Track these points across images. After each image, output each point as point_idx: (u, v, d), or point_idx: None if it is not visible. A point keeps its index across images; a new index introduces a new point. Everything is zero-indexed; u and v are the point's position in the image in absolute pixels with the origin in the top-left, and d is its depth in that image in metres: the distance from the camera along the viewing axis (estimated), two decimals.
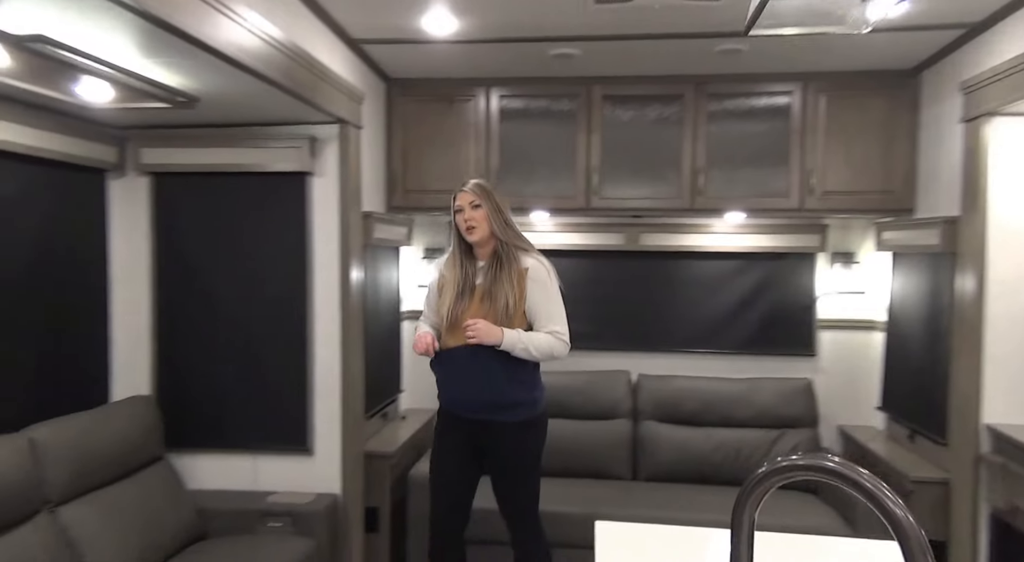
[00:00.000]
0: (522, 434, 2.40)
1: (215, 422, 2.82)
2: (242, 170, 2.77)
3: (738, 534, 0.83)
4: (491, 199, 2.40)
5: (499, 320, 2.31)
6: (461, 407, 2.41)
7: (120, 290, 2.85)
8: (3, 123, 2.25)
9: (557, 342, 2.36)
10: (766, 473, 0.81)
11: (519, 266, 2.38)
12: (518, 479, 2.43)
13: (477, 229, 2.37)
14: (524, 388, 2.39)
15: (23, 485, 2.03)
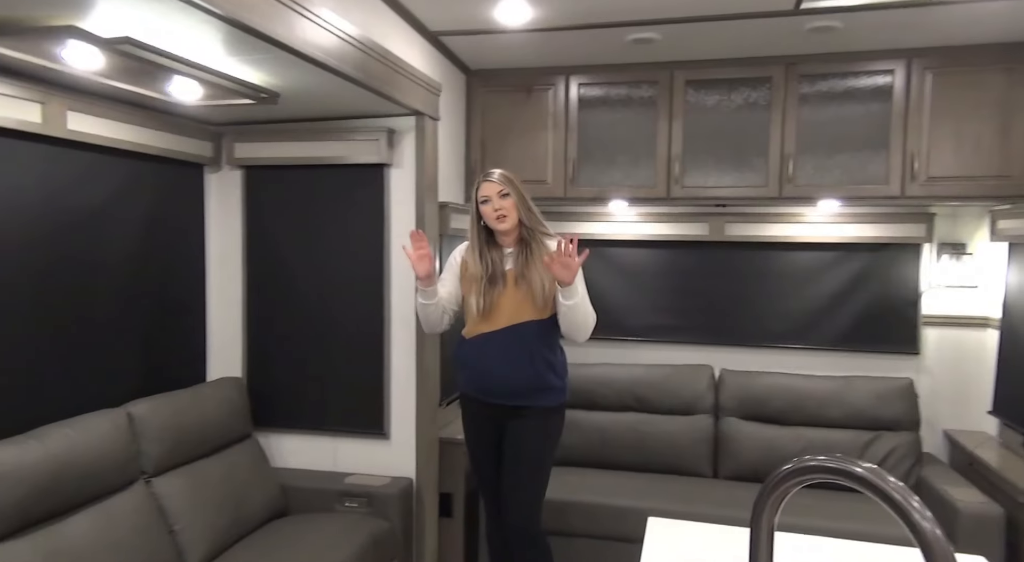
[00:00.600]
0: (548, 420, 2.43)
1: (299, 404, 2.96)
2: (323, 162, 2.87)
3: (757, 536, 0.78)
4: (517, 187, 2.41)
5: (536, 302, 2.35)
6: (493, 394, 2.41)
7: (216, 277, 3.04)
8: (111, 121, 2.44)
9: (594, 318, 2.39)
10: (788, 472, 0.76)
11: (548, 250, 2.38)
12: (535, 465, 2.43)
13: (508, 217, 2.39)
14: (556, 373, 2.43)
15: (121, 455, 2.20)
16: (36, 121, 2.17)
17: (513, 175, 2.45)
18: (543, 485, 2.46)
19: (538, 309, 2.37)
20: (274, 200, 2.98)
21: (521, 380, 2.37)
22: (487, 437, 2.49)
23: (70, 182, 2.34)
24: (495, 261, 2.43)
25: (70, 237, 2.34)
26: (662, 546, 1.47)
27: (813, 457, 0.76)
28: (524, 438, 2.41)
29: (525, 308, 2.37)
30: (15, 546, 1.83)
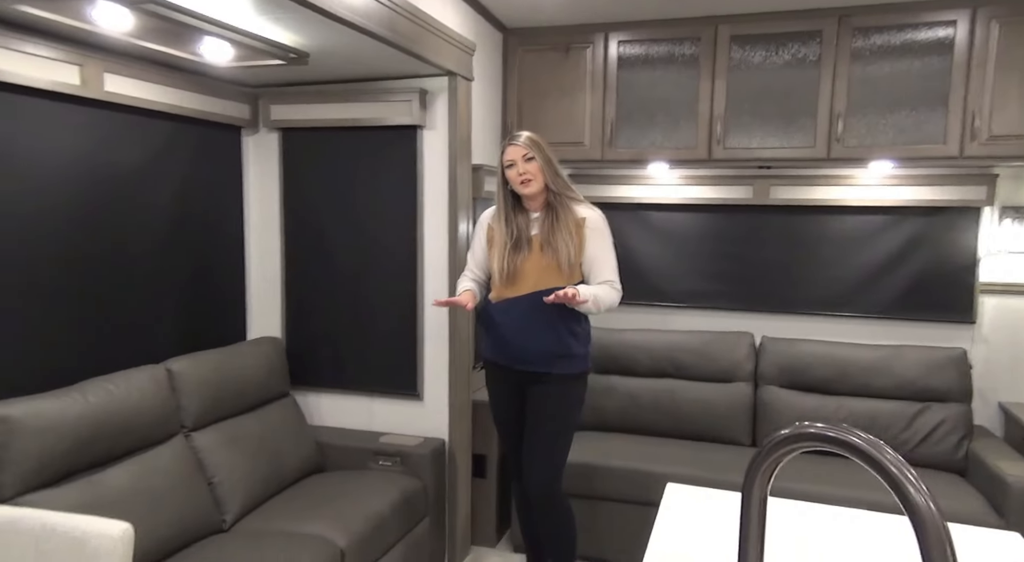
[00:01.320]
0: (571, 386, 2.42)
1: (336, 364, 3.01)
2: (356, 124, 2.87)
3: (748, 502, 0.75)
4: (542, 151, 2.36)
5: (561, 270, 2.33)
6: (516, 359, 2.40)
7: (255, 239, 3.09)
8: (148, 84, 2.48)
9: (614, 293, 2.37)
10: (783, 439, 0.72)
11: (575, 216, 2.37)
12: (556, 430, 2.42)
13: (533, 181, 2.35)
14: (579, 341, 2.40)
15: (162, 409, 2.28)
16: (75, 83, 2.22)
17: (540, 138, 2.41)
18: (563, 450, 2.45)
19: (563, 276, 2.34)
20: (310, 162, 2.99)
21: (543, 346, 2.36)
22: (510, 402, 2.49)
23: (109, 143, 2.39)
24: (521, 226, 2.41)
25: (111, 198, 2.40)
26: (677, 511, 1.44)
27: (812, 424, 0.72)
28: (545, 404, 2.40)
29: (549, 274, 2.35)
30: (60, 492, 1.92)
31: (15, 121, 2.08)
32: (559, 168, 2.41)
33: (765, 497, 0.75)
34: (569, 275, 2.35)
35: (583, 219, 2.38)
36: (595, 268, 2.38)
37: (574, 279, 2.36)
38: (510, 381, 2.46)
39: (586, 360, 2.45)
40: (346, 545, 2.26)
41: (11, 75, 2.03)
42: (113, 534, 1.40)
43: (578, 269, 2.37)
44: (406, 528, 2.61)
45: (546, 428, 2.41)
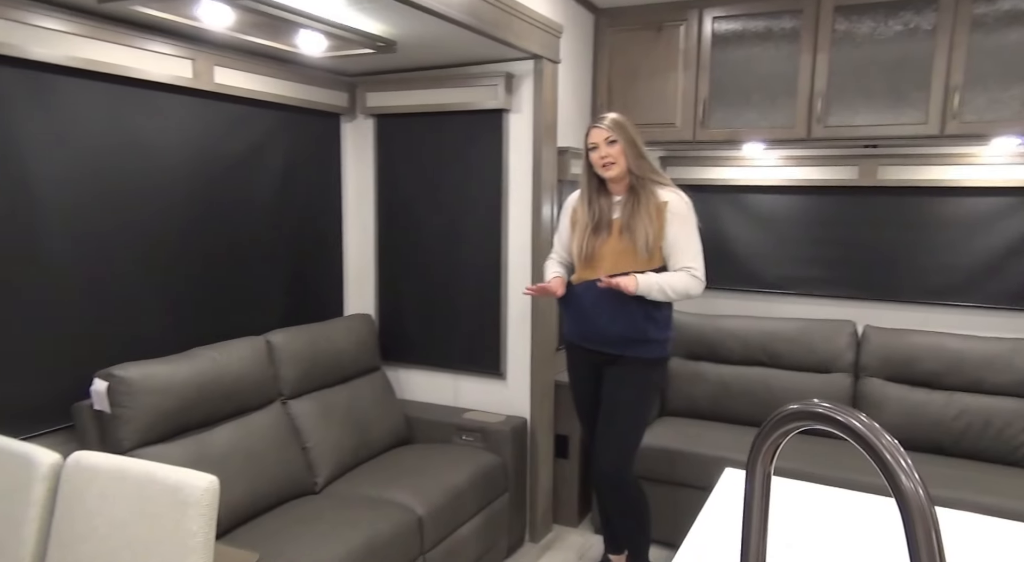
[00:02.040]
0: (648, 372, 2.40)
1: (423, 341, 3.13)
2: (444, 109, 2.95)
3: (752, 482, 0.74)
4: (626, 133, 2.34)
5: (638, 255, 2.31)
6: (592, 340, 2.42)
7: (352, 221, 3.26)
8: (254, 75, 2.66)
9: (692, 280, 2.32)
10: (783, 417, 0.71)
11: (657, 200, 2.33)
12: (627, 415, 2.41)
13: (615, 165, 2.34)
14: (657, 326, 2.37)
15: (262, 377, 2.47)
16: (188, 76, 2.42)
17: (626, 120, 2.38)
18: (634, 435, 2.44)
19: (641, 261, 2.32)
20: (401, 146, 3.11)
21: (618, 330, 2.35)
22: (587, 384, 2.51)
23: (219, 131, 2.59)
24: (603, 209, 2.41)
25: (221, 182, 2.61)
26: (730, 496, 1.42)
27: (818, 402, 0.70)
28: (619, 388, 2.40)
29: (627, 259, 2.33)
30: (170, 448, 2.13)
31: (138, 112, 2.30)
32: (644, 151, 2.38)
33: (769, 474, 0.73)
34: (647, 260, 2.32)
35: (665, 203, 2.34)
36: (674, 254, 2.34)
37: (653, 264, 2.33)
38: (588, 362, 2.47)
39: (664, 346, 2.42)
40: (425, 513, 2.36)
41: (135, 70, 2.24)
42: (201, 485, 1.55)
43: (658, 254, 2.34)
44: (485, 502, 2.69)
45: (618, 412, 2.41)
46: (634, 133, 2.37)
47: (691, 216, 2.36)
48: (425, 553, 2.37)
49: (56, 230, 2.10)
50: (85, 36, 2.09)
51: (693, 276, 2.32)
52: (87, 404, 2.11)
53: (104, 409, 2.06)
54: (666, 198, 2.35)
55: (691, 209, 2.37)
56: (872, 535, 1.28)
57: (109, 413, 2.06)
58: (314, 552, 2.00)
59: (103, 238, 2.23)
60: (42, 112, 2.05)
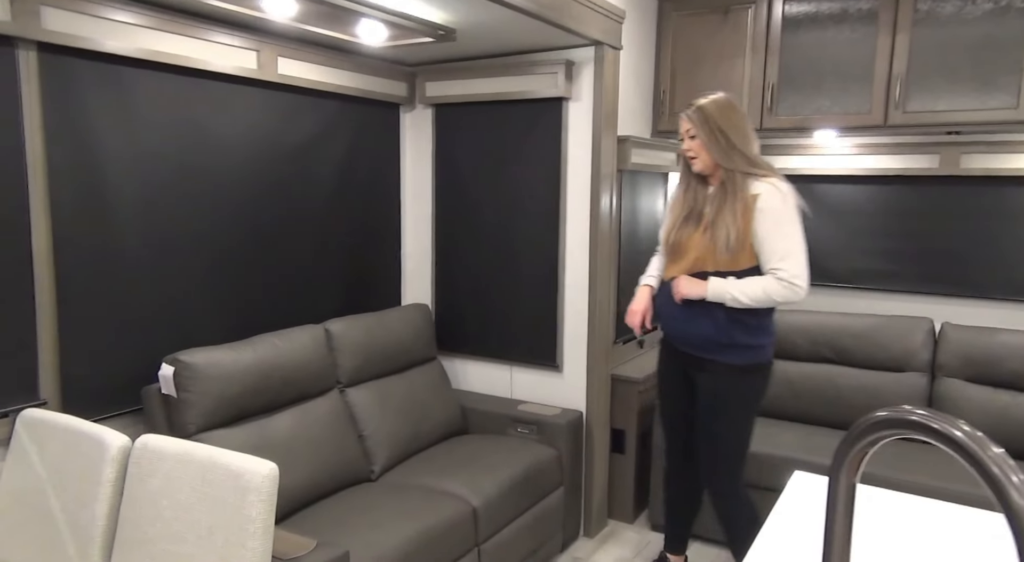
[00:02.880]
0: (736, 379, 2.23)
1: (480, 332, 3.12)
2: (503, 98, 2.91)
3: (835, 492, 0.68)
4: (709, 125, 2.15)
5: (718, 255, 2.15)
6: (676, 340, 2.33)
7: (411, 210, 3.26)
8: (316, 66, 2.68)
9: (776, 285, 2.09)
10: (873, 424, 0.65)
11: (746, 194, 2.13)
12: (721, 424, 2.27)
13: (697, 160, 2.21)
14: (747, 331, 2.18)
15: (320, 365, 2.49)
16: (252, 67, 2.45)
17: (715, 108, 2.17)
18: (731, 444, 2.29)
19: (722, 261, 2.14)
20: (460, 137, 3.09)
21: (698, 332, 2.22)
22: (674, 383, 2.41)
23: (282, 122, 2.63)
24: (698, 199, 2.25)
25: (284, 172, 2.64)
26: (800, 501, 1.35)
27: (911, 409, 0.64)
28: (707, 396, 2.28)
29: (708, 257, 2.17)
30: (233, 433, 2.17)
31: (204, 104, 2.35)
32: (738, 141, 2.15)
33: (853, 485, 0.68)
34: (730, 260, 2.14)
35: (755, 197, 2.12)
36: (762, 253, 2.13)
37: (738, 264, 2.14)
38: (676, 363, 2.38)
39: (758, 352, 2.21)
40: (479, 504, 2.35)
41: (201, 62, 2.28)
42: (262, 472, 1.57)
43: (746, 254, 2.13)
44: (540, 495, 2.67)
45: (709, 422, 2.29)
46: (723, 122, 2.15)
47: (786, 210, 2.11)
48: (480, 545, 2.36)
49: (126, 219, 2.16)
50: (154, 28, 2.13)
51: (779, 280, 2.09)
52: (155, 388, 2.17)
53: (171, 393, 2.12)
54: (757, 190, 2.12)
55: (788, 202, 2.12)
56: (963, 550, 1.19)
57: (175, 397, 2.11)
58: (370, 540, 2.01)
59: (171, 227, 2.28)
60: (113, 104, 2.11)
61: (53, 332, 2.01)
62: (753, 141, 2.20)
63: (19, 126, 1.90)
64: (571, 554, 2.87)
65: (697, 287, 2.17)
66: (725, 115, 2.17)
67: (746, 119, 2.22)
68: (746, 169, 2.15)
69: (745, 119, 2.21)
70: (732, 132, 2.16)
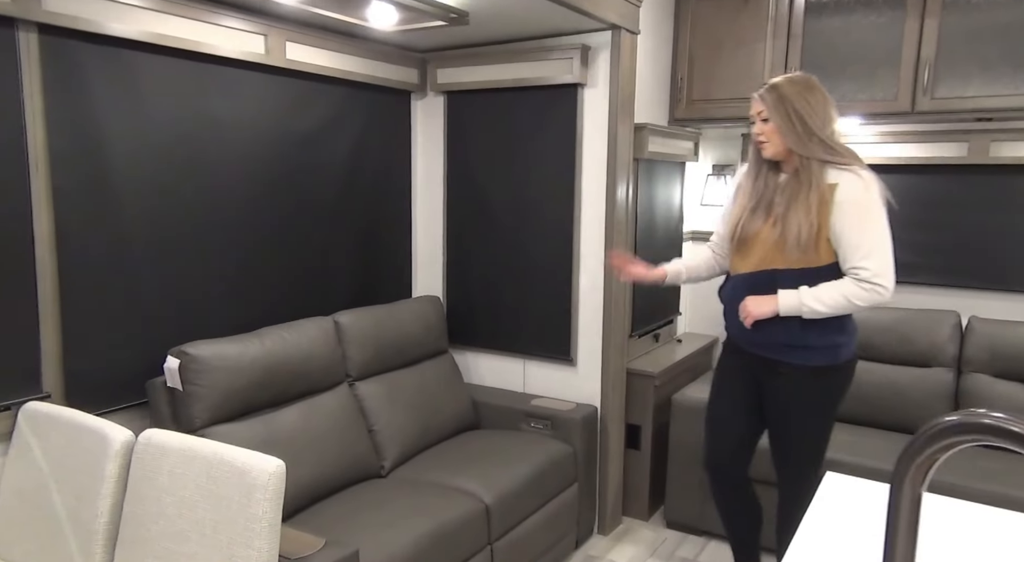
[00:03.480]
0: (811, 381, 2.05)
1: (492, 325, 3.05)
2: (516, 85, 2.83)
3: (897, 504, 0.61)
4: (784, 107, 1.94)
5: (788, 252, 1.95)
6: (742, 341, 2.14)
7: (422, 200, 3.20)
8: (325, 51, 2.61)
9: (857, 288, 1.90)
10: (944, 429, 0.57)
11: (822, 184, 1.93)
12: (795, 430, 2.11)
13: (767, 145, 2.00)
14: (821, 331, 2.00)
15: (329, 358, 2.44)
16: (260, 52, 2.39)
17: (791, 89, 1.96)
18: (810, 455, 2.14)
19: (792, 258, 1.95)
20: (472, 125, 3.02)
21: (768, 335, 2.03)
22: (735, 385, 2.23)
23: (290, 109, 2.56)
24: (768, 187, 2.04)
25: (291, 160, 2.58)
26: (832, 504, 1.27)
27: (986, 413, 0.57)
28: (779, 400, 2.11)
29: (777, 253, 1.98)
30: (238, 427, 2.12)
31: (211, 89, 2.29)
32: (816, 125, 1.94)
33: (919, 497, 0.60)
34: (802, 257, 1.94)
35: (833, 187, 1.91)
36: (840, 250, 1.93)
37: (812, 261, 1.95)
38: (741, 363, 2.18)
39: (833, 353, 2.03)
40: (492, 502, 2.29)
41: (208, 46, 2.22)
42: (268, 469, 1.51)
43: (819, 250, 1.94)
44: (554, 492, 2.60)
45: (783, 428, 2.14)
46: (800, 105, 1.94)
47: (869, 202, 1.90)
48: (492, 543, 2.30)
49: (131, 208, 2.10)
50: (160, 11, 2.07)
51: (860, 282, 1.90)
52: (161, 381, 2.12)
53: (176, 386, 2.07)
54: (837, 180, 1.92)
55: (872, 192, 1.91)
56: None
57: (181, 391, 2.06)
58: (380, 539, 1.95)
59: (177, 216, 2.22)
60: (117, 89, 2.05)
61: (56, 323, 1.96)
62: (834, 125, 2.00)
63: (20, 112, 1.84)
64: (585, 552, 2.81)
65: (766, 305, 1.98)
66: (802, 96, 1.96)
67: (827, 101, 1.99)
68: (824, 157, 1.94)
69: (826, 101, 1.99)
70: (810, 116, 1.94)
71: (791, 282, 1.98)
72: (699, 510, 2.90)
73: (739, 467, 2.29)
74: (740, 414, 2.23)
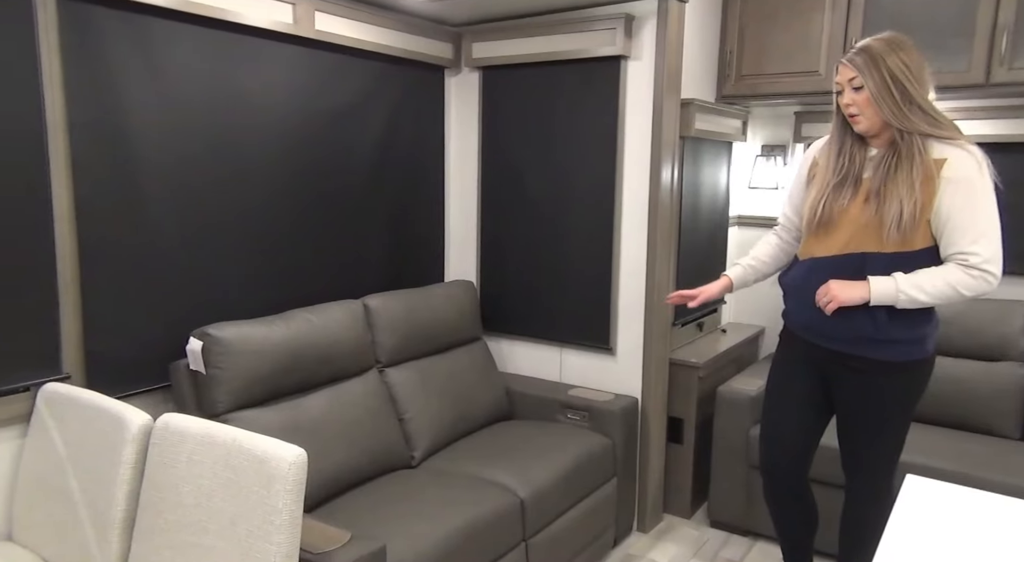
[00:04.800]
0: (891, 378, 1.85)
1: (527, 311, 2.92)
2: (555, 58, 2.68)
3: None
4: (880, 72, 1.70)
5: (886, 233, 1.73)
6: (814, 333, 1.92)
7: (455, 181, 3.07)
8: (356, 23, 2.50)
9: (966, 277, 1.69)
10: None
11: (928, 159, 1.71)
12: (872, 431, 1.91)
13: (860, 118, 1.76)
14: (908, 323, 1.79)
15: (358, 343, 2.33)
16: (288, 21, 2.28)
17: (886, 49, 1.71)
18: (886, 456, 1.95)
19: (887, 239, 1.74)
20: (508, 102, 2.88)
21: (848, 327, 1.82)
22: (798, 382, 2.02)
23: (319, 83, 2.45)
24: (855, 161, 1.82)
25: (321, 137, 2.48)
26: (919, 508, 1.12)
27: None
28: (854, 397, 1.91)
29: (869, 235, 1.77)
30: (264, 413, 2.03)
31: (236, 60, 2.19)
32: (916, 93, 1.71)
33: None
34: (899, 241, 1.73)
35: (941, 162, 1.70)
36: (946, 233, 1.71)
37: (908, 245, 1.74)
38: (807, 358, 1.98)
39: (918, 347, 1.83)
40: (527, 496, 2.17)
41: (234, 14, 2.12)
42: (288, 458, 1.41)
43: (921, 232, 1.73)
44: (591, 487, 2.47)
45: (857, 430, 1.94)
46: (899, 71, 1.69)
47: (982, 181, 1.69)
48: (527, 539, 2.18)
49: (153, 184, 2.02)
50: None
51: (968, 268, 1.68)
52: (184, 363, 2.04)
53: (199, 369, 1.98)
54: (945, 154, 1.70)
55: (984, 171, 1.69)
56: None
57: (204, 374, 1.98)
58: (410, 533, 1.84)
59: (201, 193, 2.14)
60: (139, 56, 1.96)
61: (76, 303, 1.88)
62: (932, 93, 1.77)
63: (38, 81, 1.76)
64: (624, 550, 2.67)
65: (856, 290, 1.75)
66: (900, 59, 1.70)
67: (924, 64, 1.75)
68: (928, 130, 1.71)
69: (924, 64, 1.75)
70: (910, 82, 1.70)
71: (883, 267, 1.76)
72: (745, 509, 2.74)
73: (799, 471, 2.10)
74: (802, 413, 2.03)
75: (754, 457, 2.66)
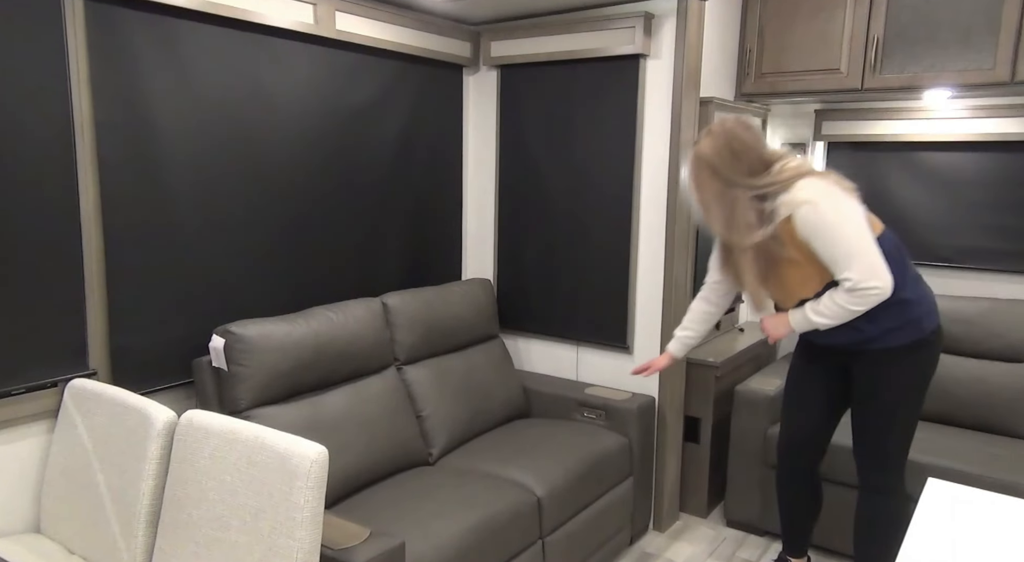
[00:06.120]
0: (895, 361, 1.99)
1: (545, 310, 2.92)
2: (574, 57, 2.68)
3: None
4: (702, 173, 1.93)
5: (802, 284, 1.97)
6: (822, 342, 2.09)
7: (473, 179, 3.08)
8: (375, 22, 2.51)
9: (850, 297, 1.85)
10: None
11: (782, 232, 1.90)
12: (882, 413, 2.03)
13: (708, 220, 2.00)
14: (892, 315, 1.94)
15: (377, 340, 2.35)
16: (309, 22, 2.30)
17: (712, 148, 1.90)
18: (897, 440, 2.05)
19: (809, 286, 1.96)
20: (526, 100, 2.88)
21: (838, 340, 2.02)
22: (817, 365, 2.18)
23: (339, 82, 2.47)
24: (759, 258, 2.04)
25: (340, 135, 2.50)
26: (940, 512, 1.12)
27: None
28: (866, 383, 2.04)
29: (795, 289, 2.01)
30: (285, 410, 2.06)
31: (258, 59, 2.21)
32: (746, 165, 1.90)
33: None
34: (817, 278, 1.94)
35: (789, 221, 1.88)
36: (829, 266, 1.89)
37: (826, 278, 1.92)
38: (824, 351, 2.13)
39: (915, 327, 1.96)
40: (544, 495, 2.18)
41: (256, 15, 2.14)
42: (310, 456, 1.43)
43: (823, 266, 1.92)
44: (608, 486, 2.48)
45: (866, 411, 2.06)
46: (719, 161, 1.90)
47: (826, 212, 1.82)
48: (544, 537, 2.19)
49: (178, 182, 2.05)
50: None
51: (849, 289, 1.84)
52: (206, 360, 2.07)
53: (221, 366, 2.01)
54: (788, 211, 1.86)
55: (823, 201, 1.82)
56: None
57: (226, 371, 2.00)
58: (428, 530, 1.86)
59: (224, 191, 2.16)
60: (165, 57, 1.98)
61: (102, 300, 1.92)
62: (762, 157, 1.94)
63: (66, 80, 1.79)
64: (640, 549, 2.68)
65: (782, 326, 2.03)
66: (721, 152, 1.91)
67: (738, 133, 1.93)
68: (770, 190, 1.89)
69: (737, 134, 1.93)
70: (738, 165, 1.90)
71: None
72: (761, 509, 2.74)
73: (815, 451, 2.25)
74: (823, 394, 2.19)
75: (771, 457, 2.65)
